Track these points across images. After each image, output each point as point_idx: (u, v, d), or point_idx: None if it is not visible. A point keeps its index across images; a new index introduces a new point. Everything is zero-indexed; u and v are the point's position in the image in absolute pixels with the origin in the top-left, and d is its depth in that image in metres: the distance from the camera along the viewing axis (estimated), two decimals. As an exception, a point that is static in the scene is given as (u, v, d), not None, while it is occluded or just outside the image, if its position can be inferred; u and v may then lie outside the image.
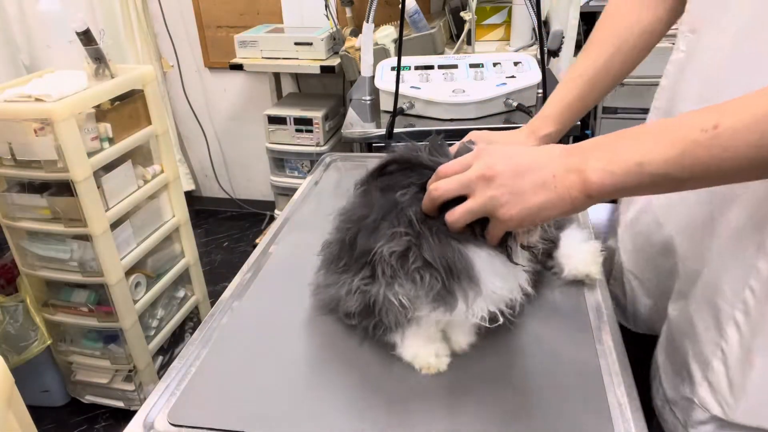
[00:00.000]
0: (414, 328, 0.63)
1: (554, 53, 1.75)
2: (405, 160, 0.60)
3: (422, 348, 0.63)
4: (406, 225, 0.56)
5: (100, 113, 1.52)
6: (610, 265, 0.87)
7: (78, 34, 1.48)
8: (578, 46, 1.83)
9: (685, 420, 0.63)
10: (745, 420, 0.56)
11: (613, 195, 0.48)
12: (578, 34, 1.81)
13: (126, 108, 1.60)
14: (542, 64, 1.40)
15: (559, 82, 0.86)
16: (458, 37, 2.00)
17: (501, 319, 0.60)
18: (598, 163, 0.48)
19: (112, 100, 1.57)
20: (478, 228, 0.56)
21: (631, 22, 0.77)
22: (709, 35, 0.63)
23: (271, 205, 2.73)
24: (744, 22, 0.56)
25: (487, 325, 0.60)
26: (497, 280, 0.57)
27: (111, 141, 1.55)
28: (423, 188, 0.57)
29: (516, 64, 1.54)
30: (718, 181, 0.46)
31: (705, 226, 0.62)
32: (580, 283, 0.76)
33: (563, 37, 1.74)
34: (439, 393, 0.60)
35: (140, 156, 1.71)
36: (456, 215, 0.54)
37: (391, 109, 1.44)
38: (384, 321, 0.61)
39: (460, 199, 0.54)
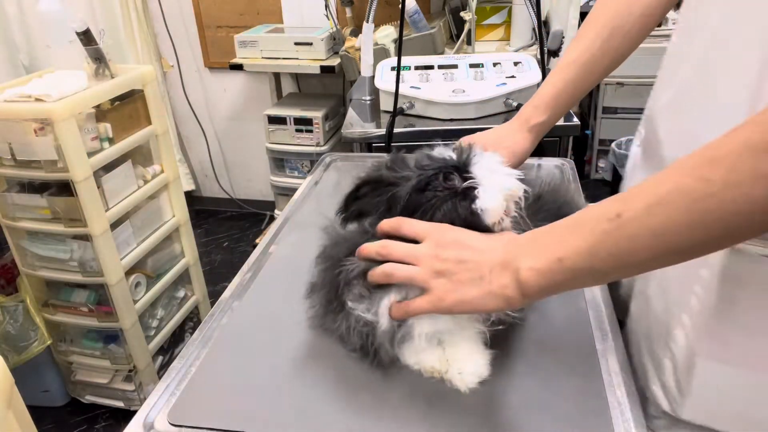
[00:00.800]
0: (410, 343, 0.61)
1: (554, 53, 1.75)
2: (374, 180, 0.61)
3: (426, 353, 0.62)
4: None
5: (100, 113, 1.52)
6: None
7: (78, 34, 1.48)
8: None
9: (644, 412, 0.65)
10: (691, 417, 0.58)
11: (548, 293, 0.49)
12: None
13: (126, 108, 1.60)
14: (542, 64, 1.40)
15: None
16: (458, 37, 2.00)
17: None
18: (527, 262, 0.49)
19: (112, 100, 1.57)
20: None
21: (629, 3, 0.74)
22: (683, 40, 0.63)
23: (271, 205, 2.73)
24: (711, 34, 0.56)
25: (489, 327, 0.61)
26: None
27: (111, 141, 1.55)
28: (390, 206, 0.60)
29: (516, 64, 1.54)
30: (636, 270, 0.46)
31: None
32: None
33: (563, 37, 1.74)
34: (439, 393, 0.60)
35: (140, 156, 1.71)
36: (397, 272, 0.56)
37: (391, 109, 1.44)
38: (381, 349, 0.61)
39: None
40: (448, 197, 0.58)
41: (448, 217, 0.58)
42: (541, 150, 1.24)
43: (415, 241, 0.57)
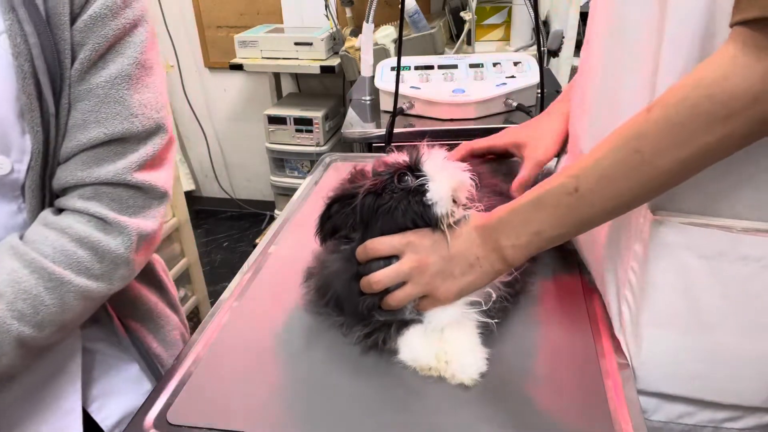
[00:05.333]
0: (413, 331, 0.64)
1: (554, 53, 1.75)
2: (339, 197, 0.66)
3: (422, 350, 0.63)
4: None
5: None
6: None
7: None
8: (578, 46, 1.83)
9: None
10: (644, 386, 0.62)
11: (528, 257, 0.60)
12: (578, 34, 1.81)
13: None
14: (540, 64, 1.40)
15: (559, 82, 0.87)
16: (458, 37, 2.00)
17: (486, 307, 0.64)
18: (507, 241, 0.59)
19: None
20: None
21: None
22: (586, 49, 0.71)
23: (271, 205, 2.73)
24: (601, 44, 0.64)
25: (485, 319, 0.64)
26: None
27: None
28: (356, 215, 0.64)
29: (516, 64, 1.54)
30: (597, 225, 0.57)
31: None
32: (577, 285, 0.76)
33: (563, 37, 1.74)
34: (439, 394, 0.60)
35: (140, 156, 1.71)
36: (397, 299, 0.63)
37: (391, 109, 1.44)
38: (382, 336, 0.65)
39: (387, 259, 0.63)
40: (402, 196, 0.63)
41: (405, 214, 0.63)
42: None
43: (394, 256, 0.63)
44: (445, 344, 0.62)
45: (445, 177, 0.62)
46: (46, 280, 0.56)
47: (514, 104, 1.45)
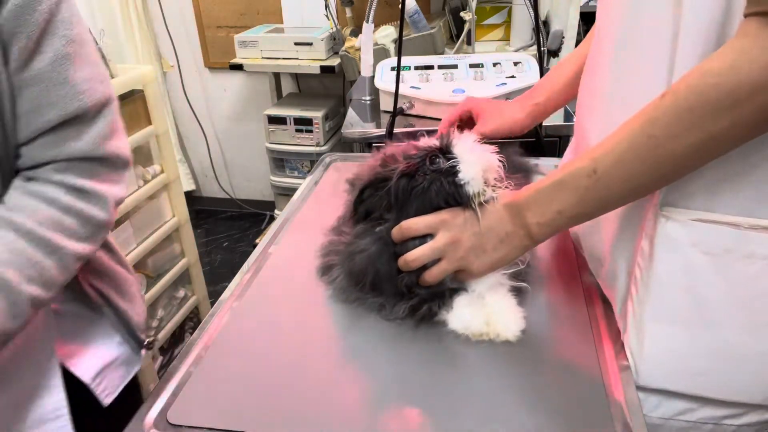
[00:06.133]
0: (459, 302, 0.69)
1: (554, 53, 1.75)
2: (372, 181, 0.70)
3: (471, 318, 0.67)
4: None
5: (100, 113, 1.52)
6: None
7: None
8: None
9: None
10: (645, 382, 0.62)
11: (552, 234, 0.63)
12: (578, 33, 1.81)
13: (126, 108, 1.60)
14: (540, 64, 1.40)
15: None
16: (458, 37, 2.00)
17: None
18: (533, 218, 0.62)
19: (112, 100, 1.57)
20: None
21: None
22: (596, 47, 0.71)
23: (271, 205, 2.73)
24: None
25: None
26: None
27: (111, 141, 1.55)
28: (390, 197, 0.68)
29: (516, 64, 1.54)
30: (615, 207, 0.60)
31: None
32: (577, 281, 0.76)
33: (563, 38, 1.74)
34: (441, 392, 0.60)
35: (140, 156, 1.71)
36: (434, 275, 0.67)
37: (391, 109, 1.44)
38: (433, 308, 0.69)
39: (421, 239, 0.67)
40: (435, 177, 0.66)
41: (438, 194, 0.66)
42: (540, 149, 1.24)
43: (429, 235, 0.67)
44: (487, 308, 0.67)
45: (475, 158, 0.66)
46: (44, 246, 0.61)
47: (514, 104, 1.45)
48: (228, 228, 3.00)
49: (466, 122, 0.98)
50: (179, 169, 2.27)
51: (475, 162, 0.66)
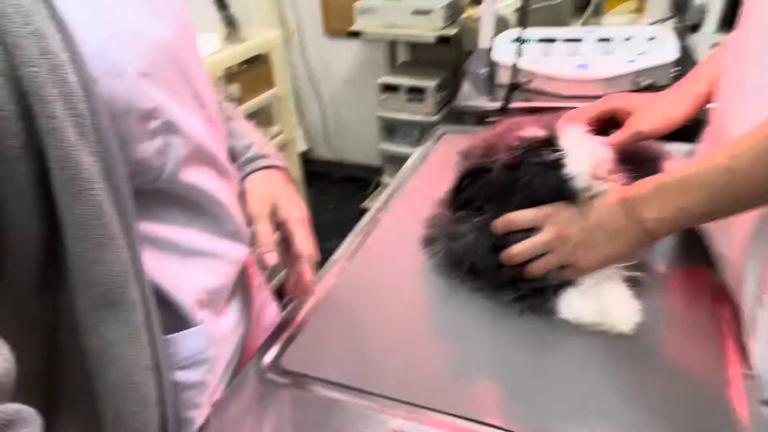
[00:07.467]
0: (570, 292, 0.67)
1: (694, 27, 1.60)
2: (472, 170, 0.69)
3: (583, 309, 0.65)
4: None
5: (230, 75, 1.63)
6: None
7: (214, -1, 1.59)
8: (726, 21, 1.65)
9: None
10: None
11: (671, 232, 0.60)
12: (726, 7, 1.64)
13: (253, 71, 1.70)
14: (680, 40, 1.28)
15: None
16: (586, 8, 1.88)
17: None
18: (651, 213, 0.59)
19: (240, 63, 1.66)
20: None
21: None
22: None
23: (378, 171, 2.79)
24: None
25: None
26: None
27: (239, 102, 1.66)
28: (490, 188, 0.67)
29: (651, 39, 1.43)
30: (748, 207, 0.56)
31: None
32: (704, 278, 0.71)
33: (705, 11, 1.59)
34: (537, 375, 0.60)
35: (263, 117, 1.82)
36: (539, 267, 0.65)
37: (508, 82, 1.40)
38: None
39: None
40: (540, 170, 0.64)
41: (543, 188, 0.64)
42: (675, 133, 1.15)
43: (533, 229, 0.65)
44: (601, 298, 0.65)
45: (583, 151, 0.64)
46: None
47: (644, 84, 1.35)
48: (335, 190, 3.10)
49: (606, 123, 0.84)
50: (294, 131, 2.37)
51: (583, 156, 0.63)
